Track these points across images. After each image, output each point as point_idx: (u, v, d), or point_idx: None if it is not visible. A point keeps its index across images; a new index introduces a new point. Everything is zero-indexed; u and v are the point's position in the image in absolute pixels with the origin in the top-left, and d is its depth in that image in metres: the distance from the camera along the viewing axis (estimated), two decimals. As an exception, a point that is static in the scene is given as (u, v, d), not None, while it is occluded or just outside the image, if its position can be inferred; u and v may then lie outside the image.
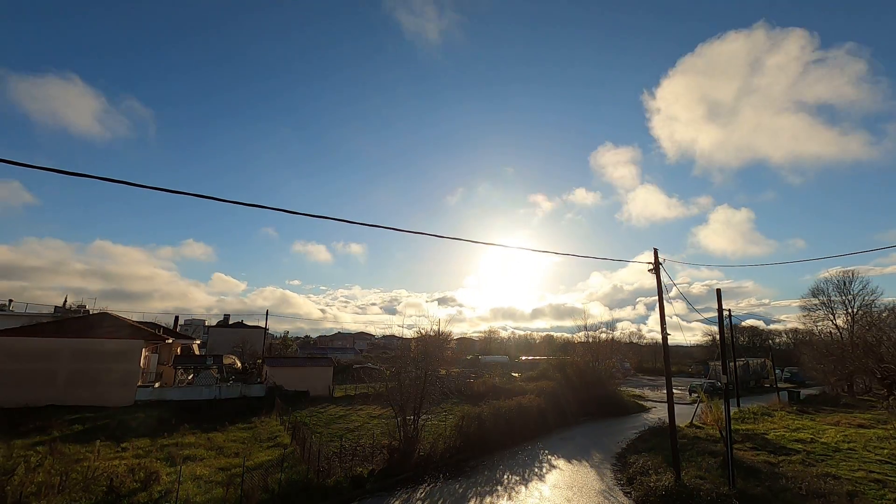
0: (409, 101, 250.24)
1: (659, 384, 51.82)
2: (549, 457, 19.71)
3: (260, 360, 49.43)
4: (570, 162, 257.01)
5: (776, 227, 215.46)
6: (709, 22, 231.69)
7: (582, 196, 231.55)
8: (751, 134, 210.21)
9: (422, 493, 14.83)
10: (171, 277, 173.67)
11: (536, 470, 17.75)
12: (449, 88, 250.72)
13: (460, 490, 15.07)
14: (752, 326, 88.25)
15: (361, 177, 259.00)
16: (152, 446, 19.19)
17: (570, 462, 18.92)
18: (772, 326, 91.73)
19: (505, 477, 16.77)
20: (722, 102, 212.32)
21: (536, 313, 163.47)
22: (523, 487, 15.59)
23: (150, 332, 33.96)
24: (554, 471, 17.64)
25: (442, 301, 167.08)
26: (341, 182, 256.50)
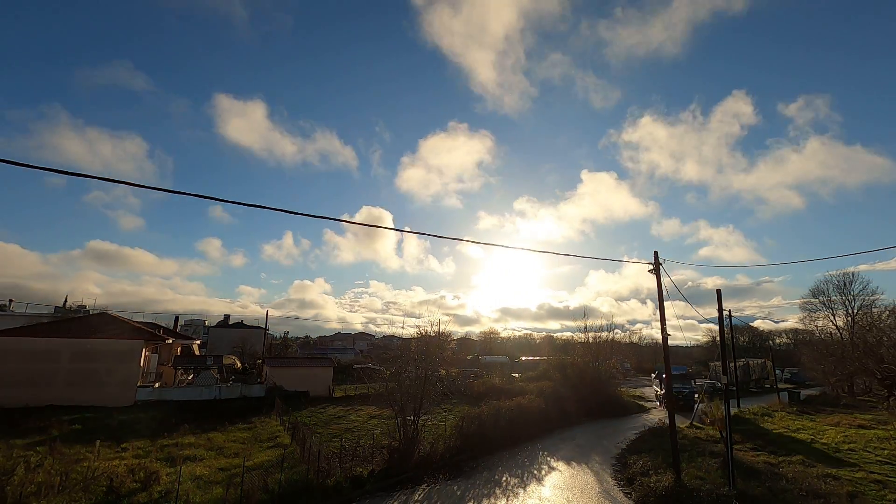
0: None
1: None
2: (549, 457, 19.70)
3: (260, 361, 49.43)
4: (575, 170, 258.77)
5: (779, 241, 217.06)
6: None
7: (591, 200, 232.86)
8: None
9: (420, 494, 14.81)
10: (195, 288, 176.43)
11: (536, 470, 17.74)
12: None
13: (458, 492, 15.04)
14: (752, 326, 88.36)
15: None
16: (152, 446, 19.19)
17: (570, 462, 18.91)
18: (774, 326, 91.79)
19: (504, 478, 16.75)
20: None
21: (546, 313, 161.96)
22: (522, 489, 15.58)
23: (150, 333, 33.96)
24: (554, 471, 17.63)
25: (454, 301, 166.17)
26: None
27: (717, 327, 18.20)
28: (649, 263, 16.95)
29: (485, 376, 43.78)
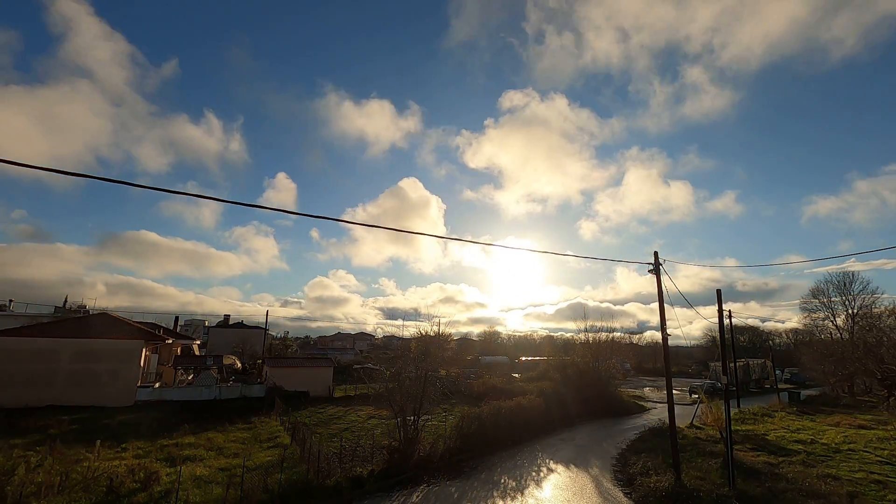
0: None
1: (659, 384, 51.85)
2: (550, 457, 19.71)
3: (260, 361, 49.42)
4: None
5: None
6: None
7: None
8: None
9: (419, 496, 14.80)
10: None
11: (536, 471, 17.74)
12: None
13: (456, 494, 15.01)
14: (752, 326, 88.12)
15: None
16: (152, 446, 19.19)
17: (570, 462, 18.91)
18: (774, 326, 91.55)
19: (503, 479, 16.75)
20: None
21: (573, 313, 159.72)
22: (522, 489, 15.58)
23: (150, 333, 33.96)
24: (554, 471, 17.63)
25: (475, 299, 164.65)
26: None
27: (712, 325, 18.18)
28: (649, 264, 16.95)
29: (485, 376, 43.76)
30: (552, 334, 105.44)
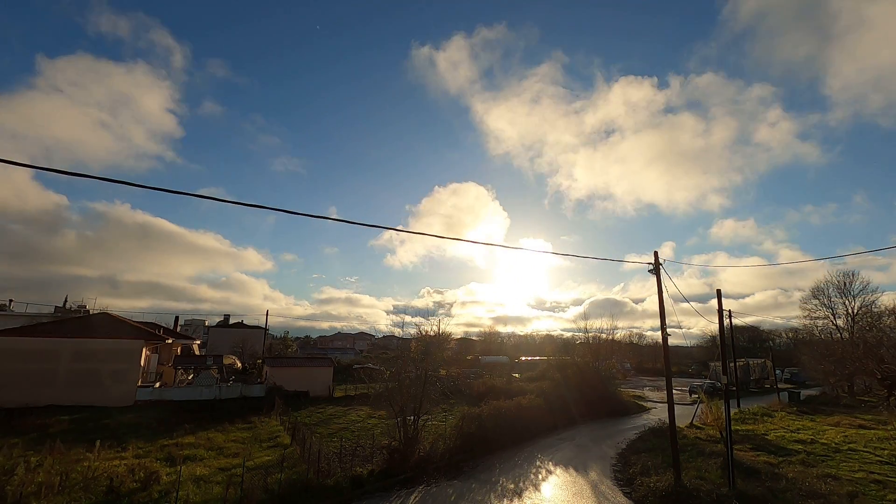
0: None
1: (659, 384, 51.84)
2: (549, 457, 19.70)
3: (260, 361, 49.44)
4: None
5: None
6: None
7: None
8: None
9: (416, 496, 14.78)
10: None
11: (535, 471, 17.73)
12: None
13: (454, 496, 14.97)
14: (752, 326, 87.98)
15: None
16: (152, 446, 19.20)
17: (570, 462, 18.91)
18: (774, 326, 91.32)
19: (502, 479, 16.75)
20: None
21: (592, 313, 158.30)
22: (522, 489, 15.57)
23: (150, 333, 33.98)
24: (553, 472, 17.63)
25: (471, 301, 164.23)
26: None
27: (712, 326, 18.15)
28: (649, 264, 16.94)
29: (485, 376, 43.79)
30: (551, 333, 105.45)
